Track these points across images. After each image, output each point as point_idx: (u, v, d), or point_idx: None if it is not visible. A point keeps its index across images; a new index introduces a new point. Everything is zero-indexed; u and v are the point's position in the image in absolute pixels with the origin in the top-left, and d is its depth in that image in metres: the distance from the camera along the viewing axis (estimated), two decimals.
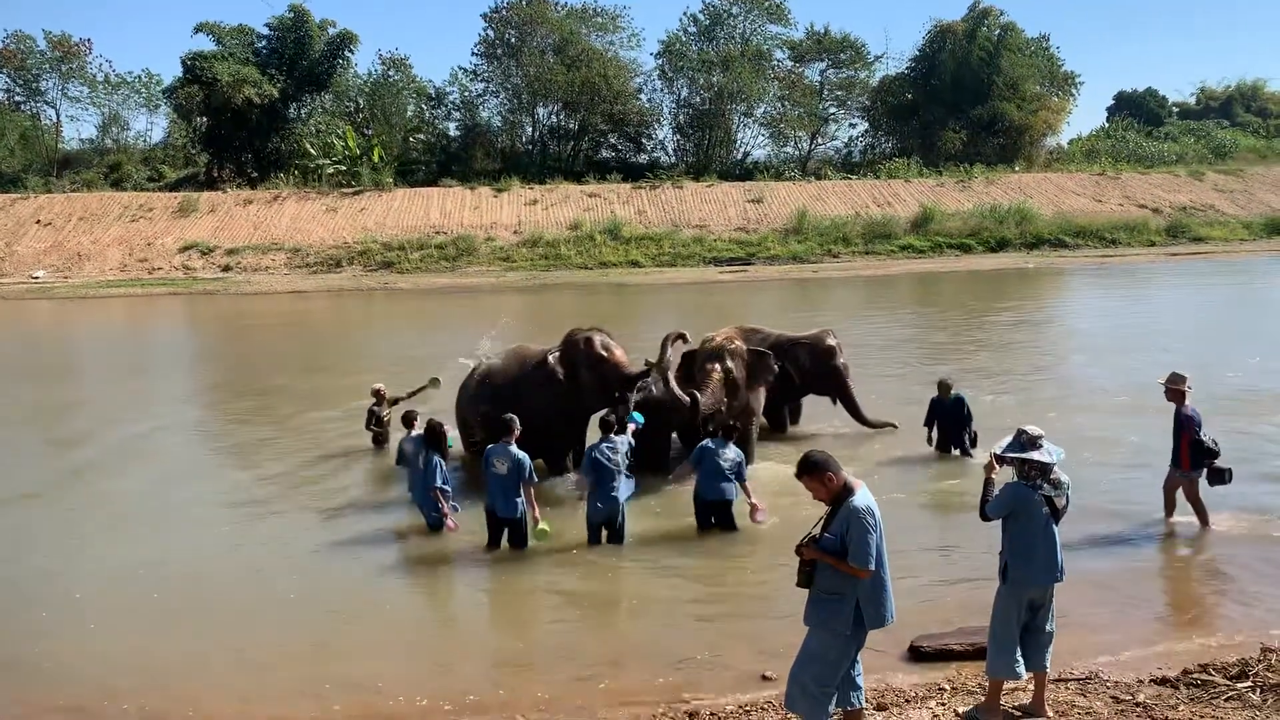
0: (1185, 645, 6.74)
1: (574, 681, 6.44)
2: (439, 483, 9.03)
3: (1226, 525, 8.85)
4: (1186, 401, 8.62)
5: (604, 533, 8.84)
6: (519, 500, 8.54)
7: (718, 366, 10.71)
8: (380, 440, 12.21)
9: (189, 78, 46.12)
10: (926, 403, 11.49)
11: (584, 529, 8.89)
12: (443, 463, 9.16)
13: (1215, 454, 8.48)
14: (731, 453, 9.11)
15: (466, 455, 11.11)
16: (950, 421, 11.16)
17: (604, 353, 10.44)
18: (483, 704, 6.15)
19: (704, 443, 9.22)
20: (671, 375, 10.57)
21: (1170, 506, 8.86)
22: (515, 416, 8.82)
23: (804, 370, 11.91)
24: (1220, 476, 8.51)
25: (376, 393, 12.37)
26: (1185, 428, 8.51)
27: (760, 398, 11.31)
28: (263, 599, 7.98)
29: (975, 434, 11.06)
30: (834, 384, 12.19)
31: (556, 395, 10.45)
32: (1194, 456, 8.50)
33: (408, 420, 10.22)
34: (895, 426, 12.19)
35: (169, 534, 9.65)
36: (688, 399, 10.24)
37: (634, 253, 38.28)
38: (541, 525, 8.52)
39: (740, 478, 9.09)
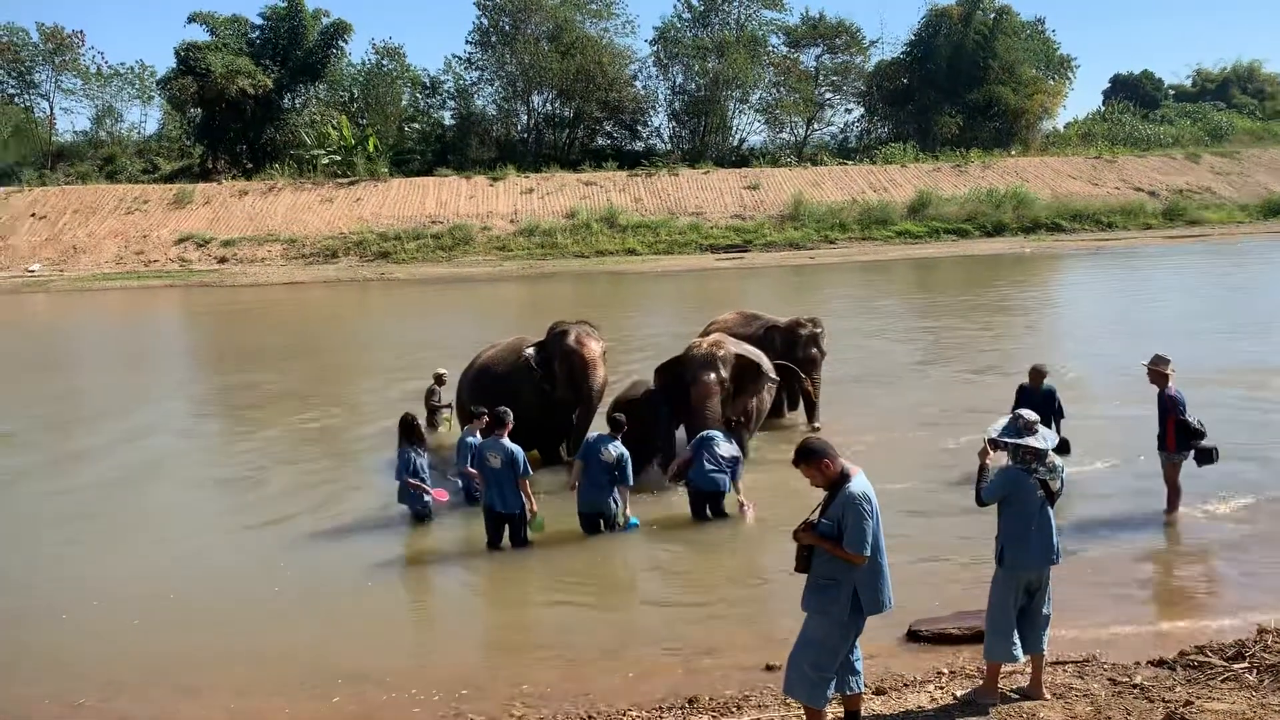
0: (1182, 627, 6.78)
1: (573, 670, 6.47)
2: (407, 475, 9.11)
3: (1221, 507, 8.89)
4: (1170, 383, 8.63)
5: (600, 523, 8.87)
6: (516, 495, 8.49)
7: (712, 377, 10.06)
8: (434, 422, 12.44)
9: (183, 69, 45.91)
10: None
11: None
12: (416, 454, 9.20)
13: (1201, 434, 8.48)
14: (728, 447, 9.13)
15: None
16: (1039, 413, 10.53)
17: (575, 346, 10.47)
18: (482, 694, 6.17)
19: (703, 434, 9.23)
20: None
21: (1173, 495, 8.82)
22: (509, 410, 8.78)
23: (777, 356, 11.66)
24: (1208, 456, 8.51)
25: (438, 377, 12.60)
26: (1170, 409, 8.51)
27: (762, 401, 11.02)
28: (263, 593, 8.00)
29: (1065, 440, 9.27)
30: (801, 369, 11.94)
31: (537, 386, 10.52)
32: (1179, 438, 8.51)
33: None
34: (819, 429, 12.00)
35: (170, 530, 9.67)
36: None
37: (630, 241, 38.20)
38: (538, 518, 8.54)
39: (734, 474, 9.12)
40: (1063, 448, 8.93)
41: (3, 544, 9.29)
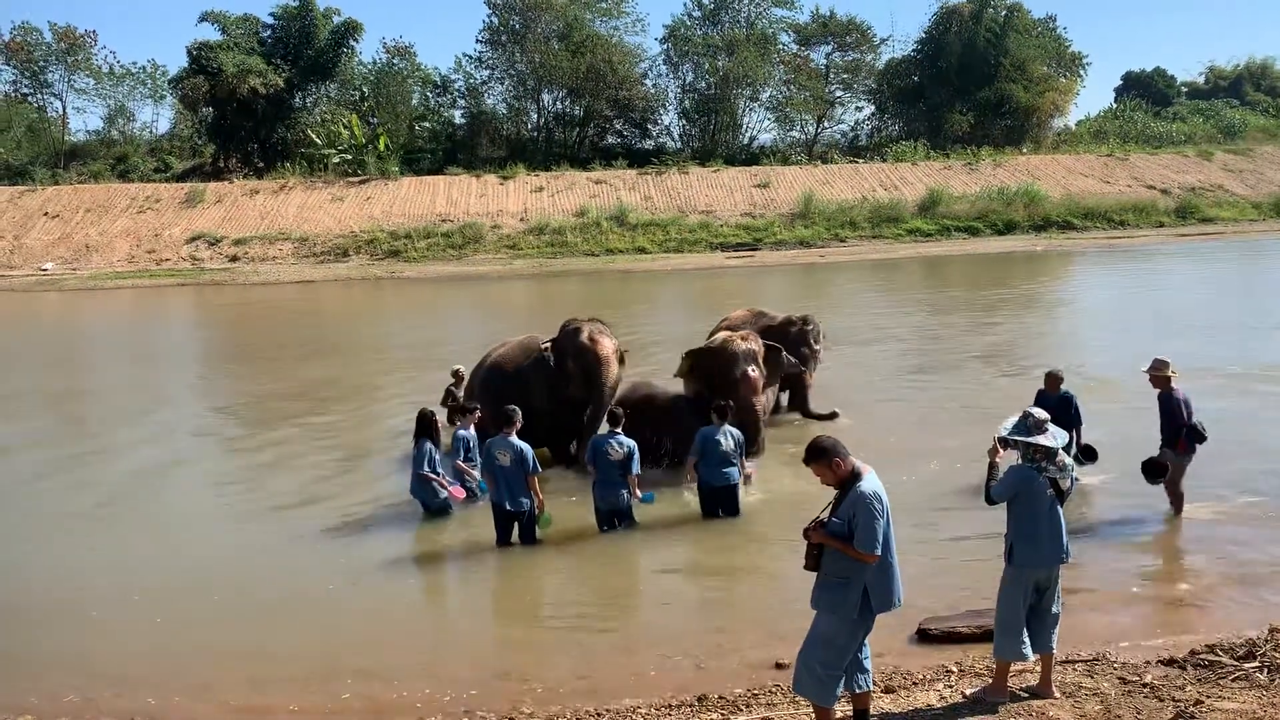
0: (1192, 626, 6.75)
1: (582, 668, 6.48)
2: (425, 469, 9.15)
3: (1231, 507, 8.85)
4: (1174, 385, 8.58)
5: (616, 520, 8.89)
6: (525, 493, 8.53)
7: (754, 370, 10.33)
8: (452, 419, 12.45)
9: (194, 68, 46.11)
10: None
11: (591, 517, 8.94)
12: (434, 450, 9.25)
13: (1203, 438, 8.47)
14: (729, 439, 9.11)
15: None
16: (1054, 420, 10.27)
17: (588, 343, 10.47)
18: (492, 691, 6.19)
19: (704, 431, 9.18)
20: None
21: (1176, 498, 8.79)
22: (517, 408, 8.82)
23: None
24: (1195, 433, 8.45)
25: (456, 374, 12.66)
26: (1178, 412, 8.47)
27: (766, 397, 11.24)
28: (274, 589, 8.03)
29: (1092, 448, 9.06)
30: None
31: (550, 384, 10.52)
32: (1189, 440, 8.48)
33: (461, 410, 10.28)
34: (836, 414, 12.07)
35: (181, 527, 9.72)
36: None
37: (640, 239, 38.18)
38: (545, 514, 8.57)
39: (741, 454, 9.18)
40: (1089, 455, 8.88)
41: (24, 541, 9.34)
